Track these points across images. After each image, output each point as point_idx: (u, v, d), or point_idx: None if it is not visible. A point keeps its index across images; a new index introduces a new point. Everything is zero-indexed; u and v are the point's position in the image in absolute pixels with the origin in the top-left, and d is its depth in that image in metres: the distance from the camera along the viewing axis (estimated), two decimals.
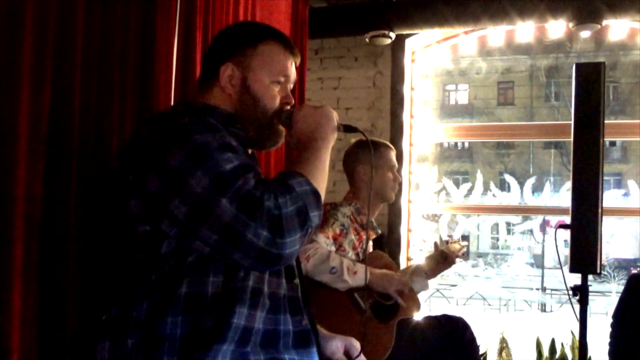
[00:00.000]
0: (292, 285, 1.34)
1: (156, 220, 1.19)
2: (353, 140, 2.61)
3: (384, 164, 2.50)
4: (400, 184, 2.61)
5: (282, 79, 1.41)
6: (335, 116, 1.38)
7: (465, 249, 2.61)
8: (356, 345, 1.55)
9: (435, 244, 2.57)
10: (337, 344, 1.53)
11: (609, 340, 2.90)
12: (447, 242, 2.58)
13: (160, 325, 1.17)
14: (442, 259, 2.52)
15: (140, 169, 1.20)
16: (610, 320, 2.84)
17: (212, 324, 1.18)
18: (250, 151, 1.43)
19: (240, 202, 1.11)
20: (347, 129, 1.43)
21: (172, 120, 1.23)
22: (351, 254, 2.38)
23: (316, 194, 1.20)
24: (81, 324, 1.67)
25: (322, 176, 1.28)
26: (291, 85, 1.46)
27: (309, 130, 1.34)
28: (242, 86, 1.38)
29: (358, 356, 1.52)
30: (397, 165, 2.58)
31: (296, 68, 1.46)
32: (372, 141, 2.51)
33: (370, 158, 2.41)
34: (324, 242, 2.26)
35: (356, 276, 2.23)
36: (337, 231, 2.34)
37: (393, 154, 2.57)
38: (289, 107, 1.43)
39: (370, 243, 2.59)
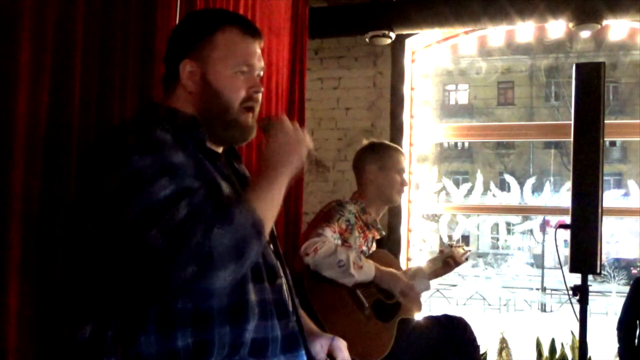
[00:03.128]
0: (275, 286, 1.30)
1: (106, 244, 1.19)
2: (365, 142, 2.63)
3: (392, 166, 2.54)
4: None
5: (245, 68, 1.32)
6: (308, 146, 1.29)
7: (469, 254, 2.63)
8: (341, 346, 1.50)
9: (442, 250, 2.60)
10: (321, 343, 1.48)
11: (618, 346, 2.91)
12: (450, 246, 2.60)
13: (134, 344, 1.15)
14: (446, 262, 2.55)
15: (85, 190, 1.20)
16: (616, 325, 2.85)
17: (193, 342, 1.15)
18: (221, 150, 1.38)
19: (168, 236, 1.06)
20: (318, 164, 1.36)
21: (114, 139, 1.18)
22: (358, 250, 2.39)
23: (258, 225, 1.13)
24: (59, 341, 1.65)
25: (274, 205, 1.21)
26: (260, 72, 1.37)
27: (277, 156, 1.25)
28: (202, 82, 1.30)
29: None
30: (405, 169, 2.62)
31: (262, 50, 1.37)
32: (383, 144, 2.62)
33: (378, 160, 2.50)
34: (331, 236, 2.26)
35: (362, 271, 2.24)
36: (343, 227, 2.35)
37: (403, 158, 2.61)
38: (260, 96, 1.35)
39: (374, 244, 2.60)
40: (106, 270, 1.21)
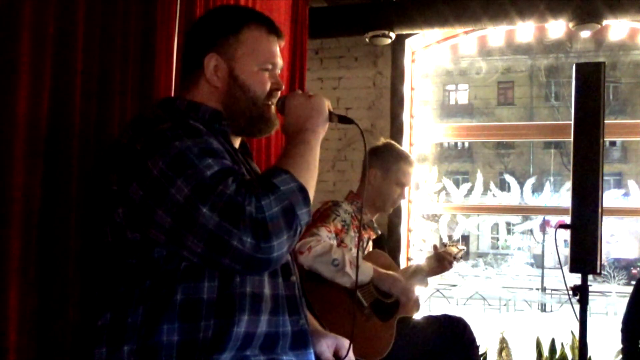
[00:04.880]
0: (289, 283, 1.32)
1: (144, 229, 1.17)
2: (382, 140, 2.61)
3: (395, 178, 2.52)
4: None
5: (269, 66, 1.36)
6: (327, 106, 1.34)
7: (463, 252, 2.62)
8: (347, 345, 1.50)
9: (435, 246, 2.59)
10: (327, 343, 1.48)
11: (622, 346, 2.91)
12: (445, 244, 2.59)
13: (156, 332, 1.15)
14: (440, 262, 2.52)
15: (123, 179, 1.17)
16: (620, 326, 2.86)
17: (212, 332, 1.17)
18: (238, 144, 1.41)
19: (222, 210, 1.07)
20: (342, 119, 1.39)
21: (152, 127, 1.19)
22: (354, 251, 2.39)
23: (302, 190, 1.15)
24: (79, 329, 1.66)
25: (311, 170, 1.23)
26: (279, 71, 1.41)
27: (299, 121, 1.30)
28: (229, 77, 1.33)
29: (346, 356, 1.47)
30: (409, 183, 2.59)
31: (281, 54, 1.41)
32: (395, 151, 2.56)
33: (383, 166, 2.48)
34: (326, 235, 2.25)
35: (359, 271, 2.23)
36: (339, 226, 2.34)
37: (410, 171, 2.57)
38: (279, 94, 1.39)
39: (371, 243, 2.59)
40: (132, 257, 1.20)
